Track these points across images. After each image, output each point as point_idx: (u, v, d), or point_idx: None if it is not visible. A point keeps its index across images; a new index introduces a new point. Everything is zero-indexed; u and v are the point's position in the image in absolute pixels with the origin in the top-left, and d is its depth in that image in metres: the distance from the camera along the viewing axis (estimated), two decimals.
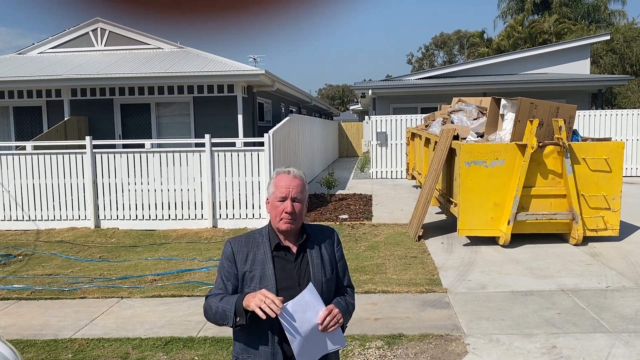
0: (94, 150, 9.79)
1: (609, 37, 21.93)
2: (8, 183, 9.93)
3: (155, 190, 9.77)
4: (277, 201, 2.22)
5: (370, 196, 12.44)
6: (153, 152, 9.73)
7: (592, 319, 4.97)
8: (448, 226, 8.98)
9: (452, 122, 10.15)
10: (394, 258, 7.31)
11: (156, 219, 9.78)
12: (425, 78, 18.97)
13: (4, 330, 5.15)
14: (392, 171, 16.18)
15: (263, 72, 12.23)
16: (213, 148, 9.59)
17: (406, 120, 15.90)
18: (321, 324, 2.10)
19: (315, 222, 9.25)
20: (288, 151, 11.62)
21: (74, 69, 12.84)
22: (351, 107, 38.50)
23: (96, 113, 13.30)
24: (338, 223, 9.66)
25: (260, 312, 2.01)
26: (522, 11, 35.97)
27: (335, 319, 2.13)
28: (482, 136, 8.78)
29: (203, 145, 9.69)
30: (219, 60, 13.55)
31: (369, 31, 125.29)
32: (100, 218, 9.86)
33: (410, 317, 5.17)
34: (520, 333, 4.71)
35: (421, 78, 19.07)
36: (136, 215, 9.81)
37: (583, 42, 19.22)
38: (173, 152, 9.67)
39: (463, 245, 7.91)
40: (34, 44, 15.38)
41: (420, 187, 11.77)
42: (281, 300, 2.03)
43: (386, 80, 20.64)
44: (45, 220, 9.94)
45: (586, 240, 7.75)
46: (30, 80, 12.37)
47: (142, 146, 10.03)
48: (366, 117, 24.14)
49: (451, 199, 8.54)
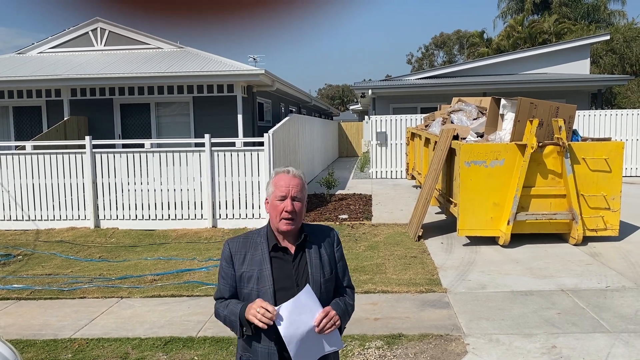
0: (94, 150, 9.79)
1: (609, 37, 21.94)
2: (8, 183, 9.93)
3: (155, 190, 9.77)
4: (277, 200, 2.22)
5: (370, 196, 12.44)
6: (153, 152, 9.73)
7: (592, 319, 4.97)
8: (448, 226, 8.98)
9: (452, 122, 10.15)
10: (394, 258, 7.31)
11: (156, 219, 9.78)
12: (425, 78, 18.97)
13: (4, 330, 5.15)
14: (392, 171, 16.17)
15: (263, 72, 12.24)
16: (213, 148, 9.59)
17: (406, 120, 15.90)
18: (317, 326, 2.10)
19: (315, 222, 9.25)
20: (288, 151, 11.62)
21: (74, 69, 12.84)
22: (351, 107, 38.49)
23: (96, 113, 13.30)
24: (338, 223, 9.66)
25: (258, 323, 2.08)
26: (522, 11, 35.97)
27: (331, 321, 2.13)
28: (482, 136, 8.78)
29: (203, 145, 9.69)
30: (219, 60, 13.55)
31: (369, 31, 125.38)
32: (99, 218, 9.86)
33: (410, 317, 5.17)
34: (520, 333, 4.71)
35: (421, 78, 19.06)
36: (136, 215, 9.81)
37: (583, 42, 19.23)
38: (173, 152, 9.67)
39: (463, 245, 7.91)
40: (34, 44, 15.37)
41: (420, 187, 11.77)
42: (274, 308, 2.07)
43: (386, 80, 20.63)
44: (44, 220, 9.94)
45: (586, 240, 7.75)
46: (29, 80, 12.37)
47: (142, 146, 10.02)
48: (366, 117, 24.14)
49: (451, 199, 8.54)
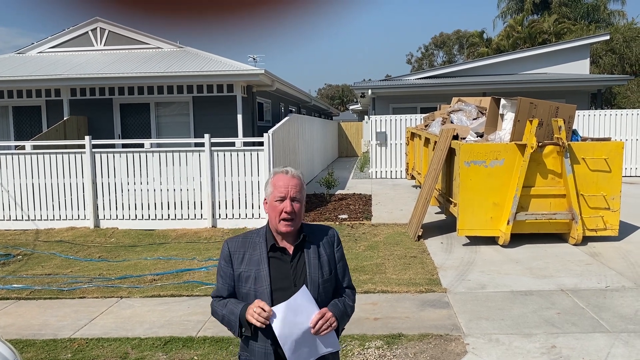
0: (94, 150, 9.78)
1: (609, 37, 21.94)
2: (7, 183, 9.93)
3: (154, 190, 9.76)
4: (276, 201, 2.21)
5: (369, 196, 12.44)
6: (152, 152, 9.73)
7: (592, 319, 4.97)
8: (447, 226, 8.98)
9: (452, 122, 10.15)
10: (394, 258, 7.31)
11: (155, 219, 9.77)
12: (424, 78, 18.97)
13: (3, 330, 5.14)
14: (392, 171, 16.17)
15: (262, 72, 12.23)
16: (212, 148, 9.58)
17: (406, 120, 15.90)
18: (313, 327, 2.10)
19: (314, 222, 9.25)
20: (287, 151, 11.61)
21: (74, 69, 12.83)
22: (351, 107, 38.49)
23: (95, 113, 13.30)
24: (337, 223, 9.66)
25: (255, 323, 2.09)
26: (522, 11, 35.96)
27: (327, 323, 2.12)
28: (482, 136, 8.77)
29: (202, 145, 9.68)
30: (219, 59, 13.54)
31: (369, 31, 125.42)
32: (99, 218, 9.86)
33: (409, 317, 5.17)
34: (519, 333, 4.71)
35: (421, 78, 19.06)
36: (135, 215, 9.80)
37: (582, 42, 19.23)
38: (172, 152, 9.67)
39: (462, 245, 7.91)
40: (33, 44, 15.35)
41: (419, 187, 11.77)
42: (270, 307, 2.08)
43: (386, 80, 20.63)
44: (44, 220, 9.94)
45: (586, 240, 7.75)
46: (29, 79, 12.36)
47: (142, 146, 10.02)
48: (366, 117, 24.15)
49: (451, 199, 8.54)
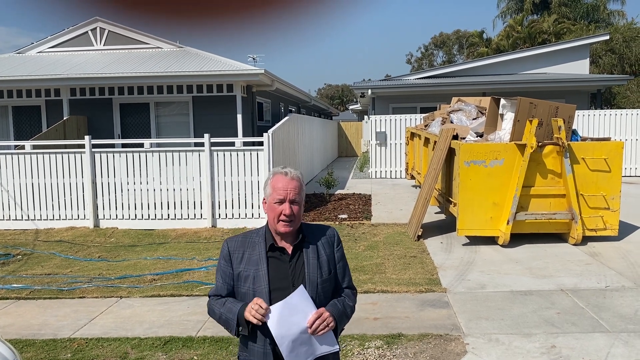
0: (93, 149, 9.78)
1: (608, 37, 21.93)
2: (7, 182, 9.92)
3: (154, 189, 9.76)
4: (275, 203, 2.22)
5: (369, 196, 12.44)
6: (152, 152, 9.72)
7: (592, 319, 4.97)
8: (447, 226, 8.98)
9: (452, 122, 10.15)
10: (393, 258, 7.31)
11: (155, 219, 9.77)
12: (424, 78, 18.96)
13: (3, 329, 5.14)
14: (392, 171, 16.17)
15: (262, 72, 12.23)
16: (212, 148, 9.58)
17: (405, 120, 15.90)
18: (310, 327, 2.09)
19: (314, 222, 9.25)
20: (287, 151, 11.61)
21: (73, 69, 12.83)
22: (350, 107, 38.49)
23: (95, 112, 13.29)
24: (337, 223, 9.66)
25: (252, 319, 2.09)
26: (522, 11, 35.95)
27: (325, 323, 2.12)
28: (482, 136, 8.77)
29: (202, 144, 9.68)
30: (218, 59, 13.54)
31: (369, 31, 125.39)
32: (99, 217, 9.86)
33: (409, 317, 5.17)
34: (519, 333, 4.71)
35: (420, 78, 19.06)
36: (135, 214, 9.80)
37: (582, 42, 19.23)
38: (172, 152, 9.66)
39: (462, 245, 7.91)
40: (33, 43, 15.37)
41: (419, 187, 11.77)
42: (267, 305, 2.08)
43: (385, 80, 20.62)
44: (44, 219, 9.94)
45: (585, 240, 7.75)
46: (29, 79, 12.36)
47: (141, 146, 10.01)
48: (365, 117, 24.15)
49: (450, 199, 8.54)
